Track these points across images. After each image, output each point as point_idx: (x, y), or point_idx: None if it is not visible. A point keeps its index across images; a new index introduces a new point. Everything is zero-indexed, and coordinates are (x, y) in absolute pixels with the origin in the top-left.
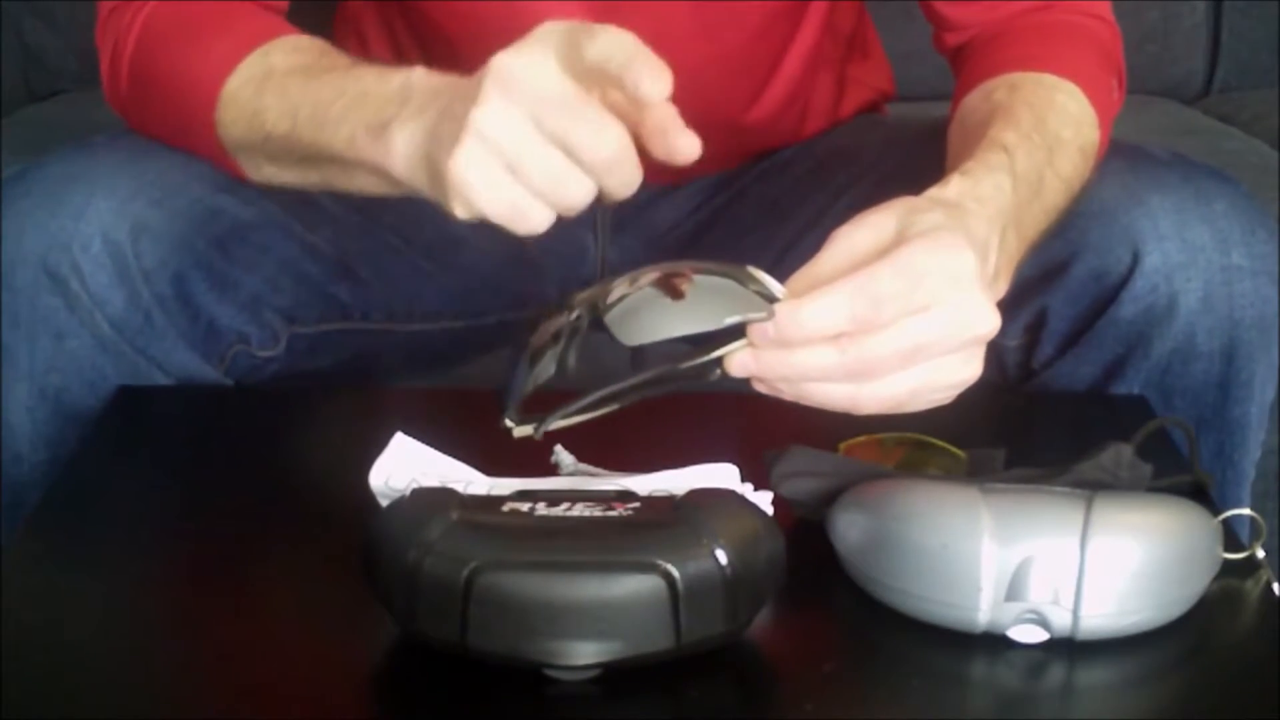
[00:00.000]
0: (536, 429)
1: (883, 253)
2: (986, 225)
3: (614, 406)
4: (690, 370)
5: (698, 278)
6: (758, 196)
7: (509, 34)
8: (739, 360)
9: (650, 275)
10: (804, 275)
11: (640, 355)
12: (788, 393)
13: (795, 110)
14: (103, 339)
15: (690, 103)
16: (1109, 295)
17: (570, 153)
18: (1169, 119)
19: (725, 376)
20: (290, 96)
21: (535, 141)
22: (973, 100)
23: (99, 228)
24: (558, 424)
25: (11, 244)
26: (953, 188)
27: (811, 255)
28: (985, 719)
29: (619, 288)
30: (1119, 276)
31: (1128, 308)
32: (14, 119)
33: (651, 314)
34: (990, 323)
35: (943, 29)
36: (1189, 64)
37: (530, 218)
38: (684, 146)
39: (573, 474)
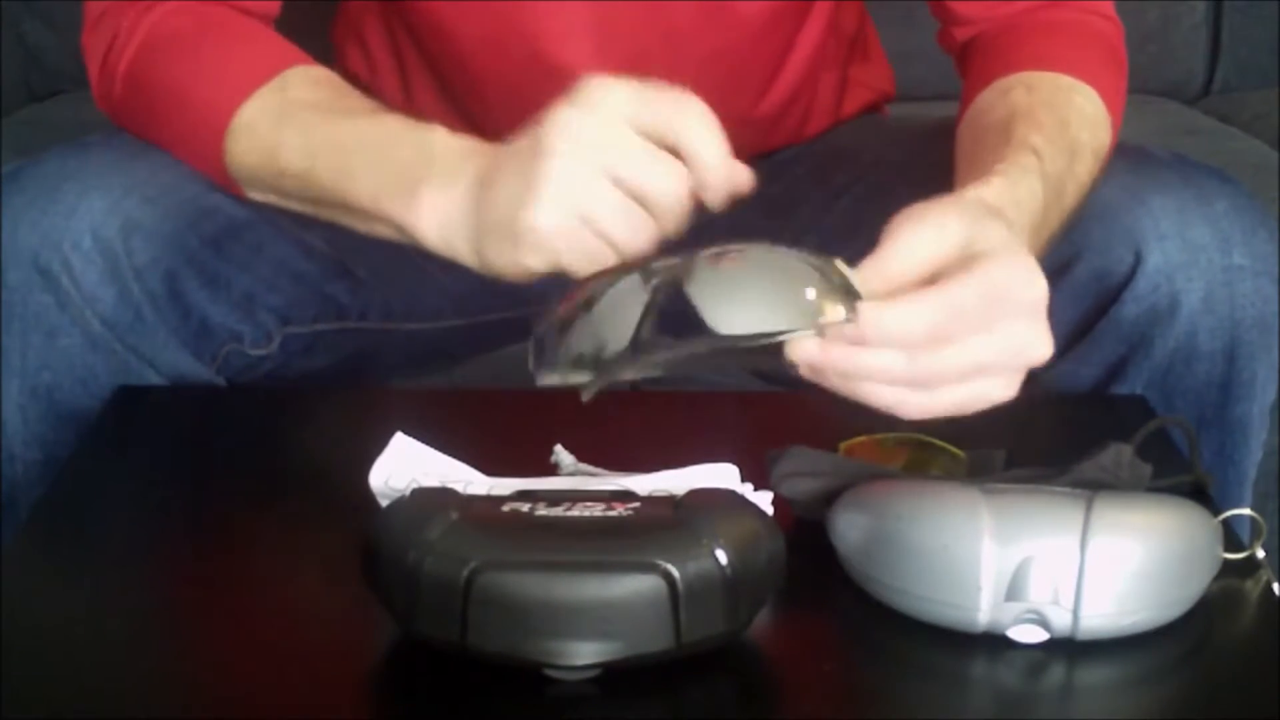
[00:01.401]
0: (587, 388)
1: (950, 260)
2: (1023, 236)
3: (661, 373)
4: (751, 347)
5: (783, 263)
6: (758, 196)
7: (509, 35)
8: (804, 348)
9: (734, 255)
10: (875, 270)
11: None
12: (839, 386)
13: (799, 109)
14: (94, 337)
15: (723, 84)
16: (1111, 295)
17: (641, 199)
18: (1169, 119)
19: (780, 358)
20: (310, 135)
21: (607, 190)
22: (987, 98)
23: (90, 225)
24: (602, 385)
25: (4, 242)
26: (994, 190)
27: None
28: (985, 719)
29: (702, 263)
30: (1121, 276)
31: (1129, 308)
32: (14, 119)
33: (736, 300)
34: (1045, 352)
35: (949, 24)
36: (1189, 64)
37: (600, 263)
38: (740, 177)
39: (573, 474)
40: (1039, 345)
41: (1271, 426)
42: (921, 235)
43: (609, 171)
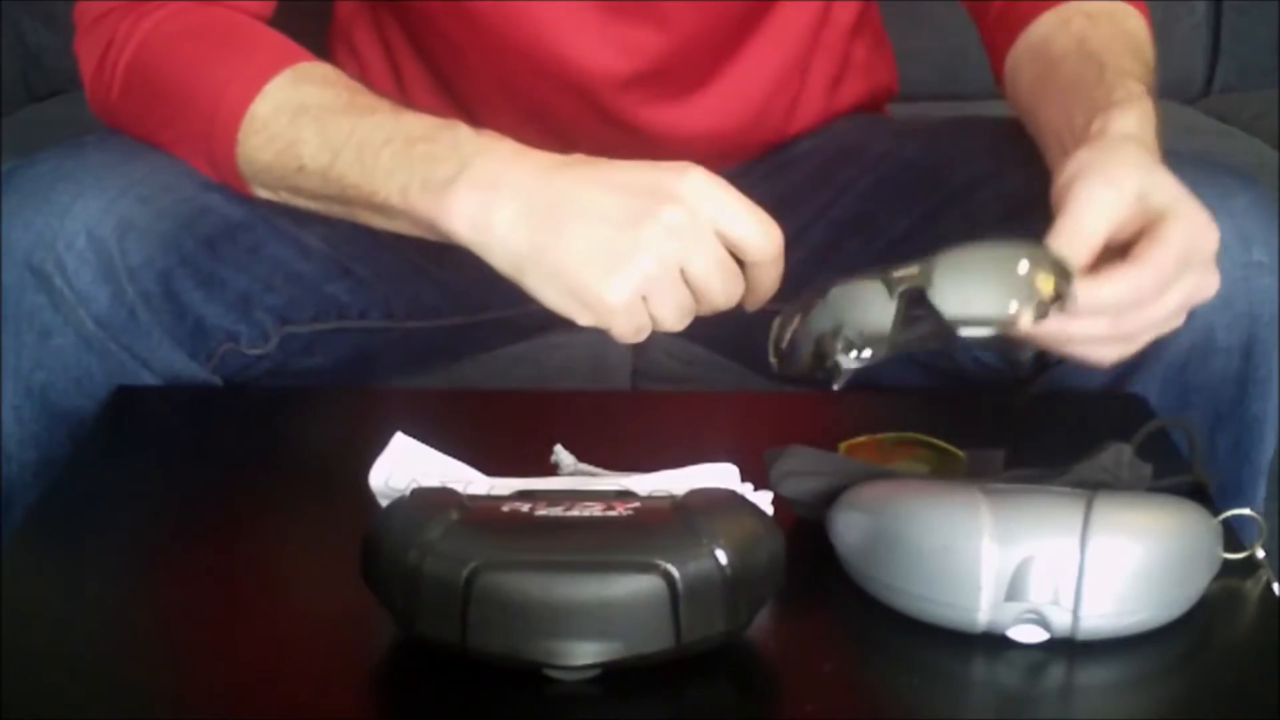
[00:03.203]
0: (839, 378)
1: (1130, 213)
2: (1158, 157)
3: (906, 350)
4: (980, 322)
5: (1007, 258)
6: (765, 193)
7: (511, 34)
8: (1027, 327)
9: (965, 255)
10: (1072, 237)
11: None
12: (1050, 347)
13: (789, 91)
14: (88, 337)
15: (681, 61)
16: None
17: (700, 295)
18: (1169, 119)
19: (1004, 334)
20: (330, 133)
21: (677, 282)
22: (1045, 29)
23: (84, 225)
24: (850, 376)
25: None
26: (1134, 121)
27: (819, 248)
28: (985, 719)
29: (940, 267)
30: None
31: None
32: (14, 119)
33: (974, 299)
34: (1214, 291)
35: None
36: (1189, 64)
37: (641, 336)
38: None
39: (573, 474)
40: (1211, 287)
41: None
42: (1102, 195)
43: (687, 266)
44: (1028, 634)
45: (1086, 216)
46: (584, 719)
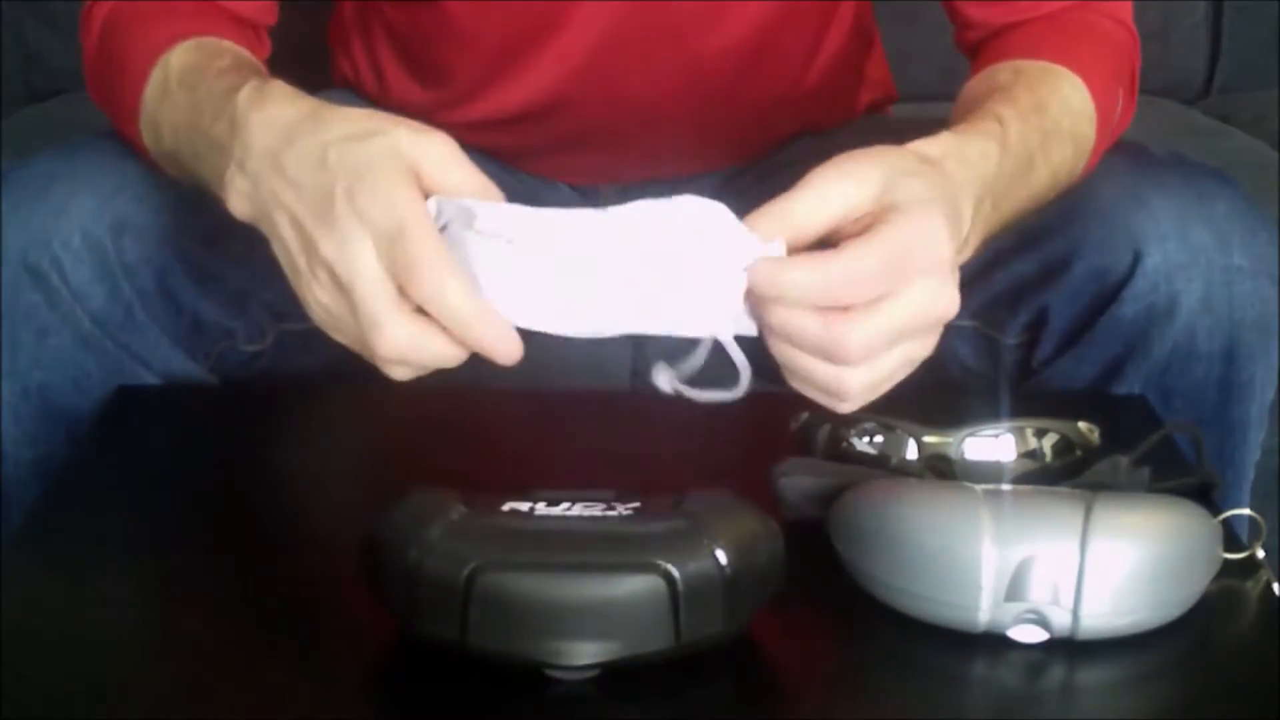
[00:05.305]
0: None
1: (863, 213)
2: (964, 190)
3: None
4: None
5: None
6: (761, 194)
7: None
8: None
9: (986, 432)
10: (777, 214)
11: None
12: (781, 360)
13: (832, 91)
14: (84, 335)
15: (732, 78)
16: (1110, 295)
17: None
18: (1169, 119)
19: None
20: (176, 110)
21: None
22: (976, 82)
23: (79, 223)
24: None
25: None
26: (939, 144)
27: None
28: (985, 719)
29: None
30: (1120, 276)
31: (1128, 307)
32: (14, 119)
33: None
34: (953, 307)
35: (964, 27)
36: (1189, 64)
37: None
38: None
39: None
40: (945, 301)
41: (1270, 426)
42: (838, 187)
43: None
44: (1028, 634)
45: (806, 198)
46: (584, 719)
